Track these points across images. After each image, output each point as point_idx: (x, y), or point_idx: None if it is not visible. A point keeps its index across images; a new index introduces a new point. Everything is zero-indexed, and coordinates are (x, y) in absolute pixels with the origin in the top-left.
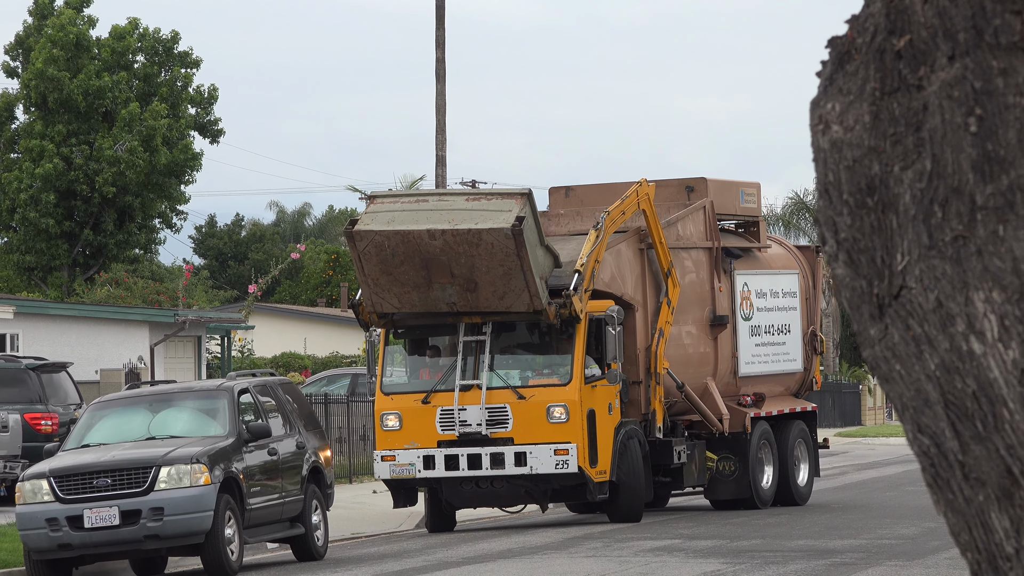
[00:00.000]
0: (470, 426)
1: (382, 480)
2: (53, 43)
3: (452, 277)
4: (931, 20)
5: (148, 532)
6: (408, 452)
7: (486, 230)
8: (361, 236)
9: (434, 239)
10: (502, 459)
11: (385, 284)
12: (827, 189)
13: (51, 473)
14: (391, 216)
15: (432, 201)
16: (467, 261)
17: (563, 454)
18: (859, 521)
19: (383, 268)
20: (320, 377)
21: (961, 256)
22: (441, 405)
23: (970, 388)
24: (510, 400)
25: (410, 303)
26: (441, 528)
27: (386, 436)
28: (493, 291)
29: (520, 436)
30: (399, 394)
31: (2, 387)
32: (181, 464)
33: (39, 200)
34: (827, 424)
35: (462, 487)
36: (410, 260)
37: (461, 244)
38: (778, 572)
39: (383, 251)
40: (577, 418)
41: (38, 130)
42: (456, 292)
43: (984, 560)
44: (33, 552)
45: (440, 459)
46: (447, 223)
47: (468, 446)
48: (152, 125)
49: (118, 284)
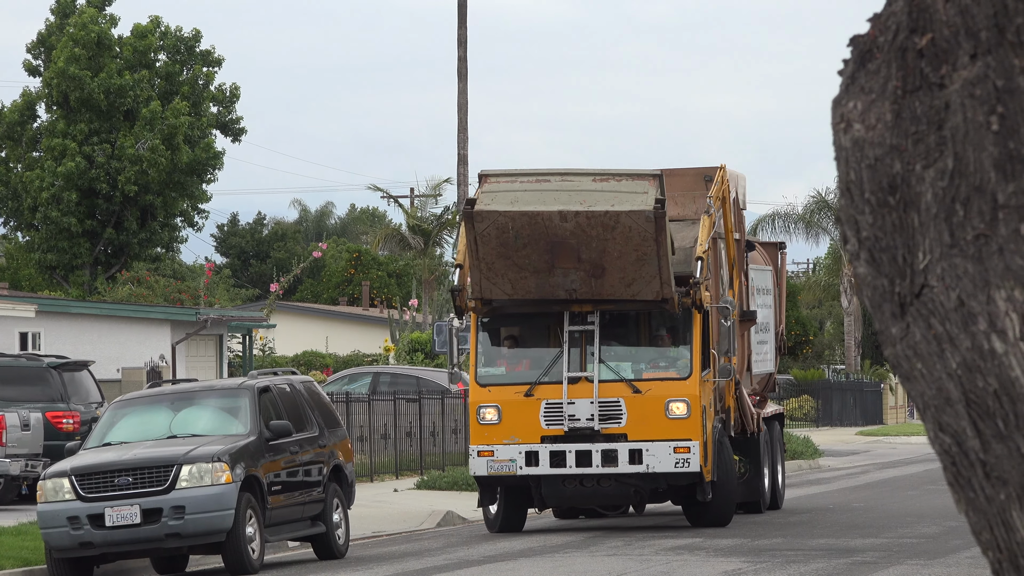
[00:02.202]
0: (579, 421)
1: (476, 477)
2: (75, 42)
3: (578, 262)
4: (953, 19)
5: (169, 531)
6: (508, 447)
7: (625, 212)
8: (482, 217)
9: (565, 221)
10: (615, 456)
11: (500, 269)
12: (849, 188)
13: (72, 472)
14: (513, 196)
15: (554, 181)
16: (598, 245)
17: (683, 452)
18: (880, 520)
19: (501, 251)
20: (341, 376)
21: (983, 255)
22: (546, 398)
23: (992, 387)
24: (624, 394)
25: (525, 289)
26: (509, 528)
27: (483, 430)
28: (621, 278)
29: (634, 432)
30: (497, 386)
31: (24, 386)
32: (202, 463)
33: (61, 199)
34: (848, 423)
35: (564, 485)
36: (534, 243)
37: (595, 227)
38: (799, 571)
39: (505, 233)
40: (697, 414)
41: (60, 129)
42: (579, 278)
43: (1006, 559)
44: (55, 550)
45: (545, 455)
46: (579, 204)
47: (576, 442)
48: (173, 124)
49: (140, 283)
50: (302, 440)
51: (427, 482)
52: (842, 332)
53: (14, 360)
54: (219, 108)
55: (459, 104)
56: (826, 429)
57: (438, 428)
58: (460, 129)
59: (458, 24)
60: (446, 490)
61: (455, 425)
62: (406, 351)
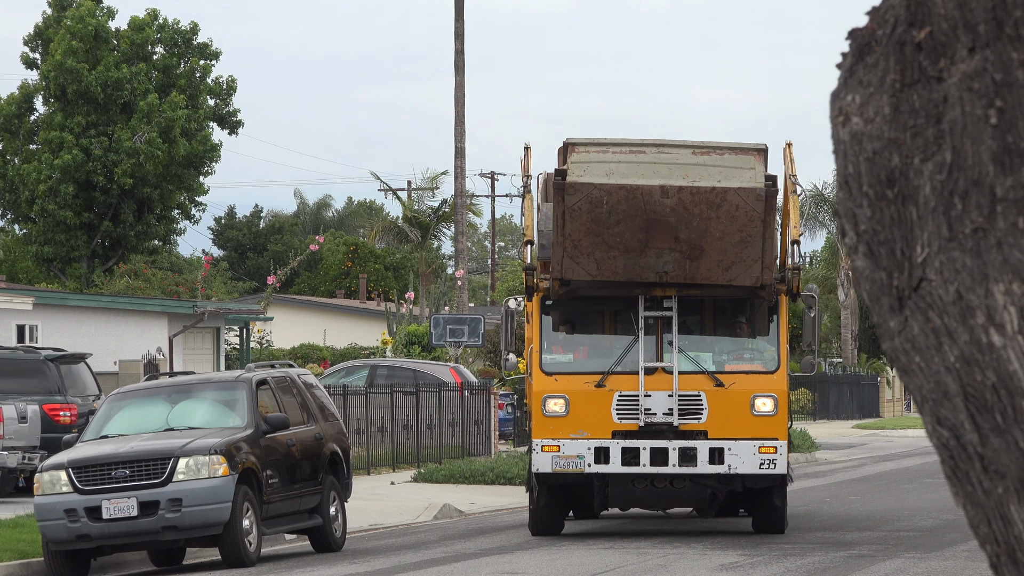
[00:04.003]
0: (656, 415)
1: (537, 474)
2: (72, 34)
3: (675, 242)
4: (951, 12)
5: (166, 523)
6: (576, 442)
7: (733, 190)
8: (575, 189)
9: (667, 197)
10: (693, 455)
11: (587, 247)
12: (847, 181)
13: (70, 464)
14: (608, 168)
15: (650, 152)
16: (700, 224)
17: (769, 452)
18: (877, 513)
19: (591, 228)
20: (339, 368)
21: (981, 248)
22: (619, 390)
23: (990, 380)
24: (705, 387)
25: (611, 270)
26: (548, 531)
27: (547, 423)
28: (720, 261)
29: (716, 430)
30: (565, 374)
31: (21, 378)
32: (199, 455)
33: (58, 191)
34: (845, 416)
35: (634, 485)
36: (629, 220)
37: (699, 204)
38: (796, 564)
39: (598, 207)
40: (784, 411)
41: (57, 121)
42: (674, 260)
43: (1003, 552)
44: (52, 543)
45: (616, 452)
46: (682, 179)
47: (652, 438)
48: (171, 116)
49: (137, 275)
50: (299, 433)
51: (424, 475)
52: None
53: (11, 353)
54: (216, 101)
55: (456, 97)
56: (823, 422)
57: (435, 421)
58: (457, 122)
59: (455, 17)
60: (443, 483)
61: (452, 418)
62: (403, 344)
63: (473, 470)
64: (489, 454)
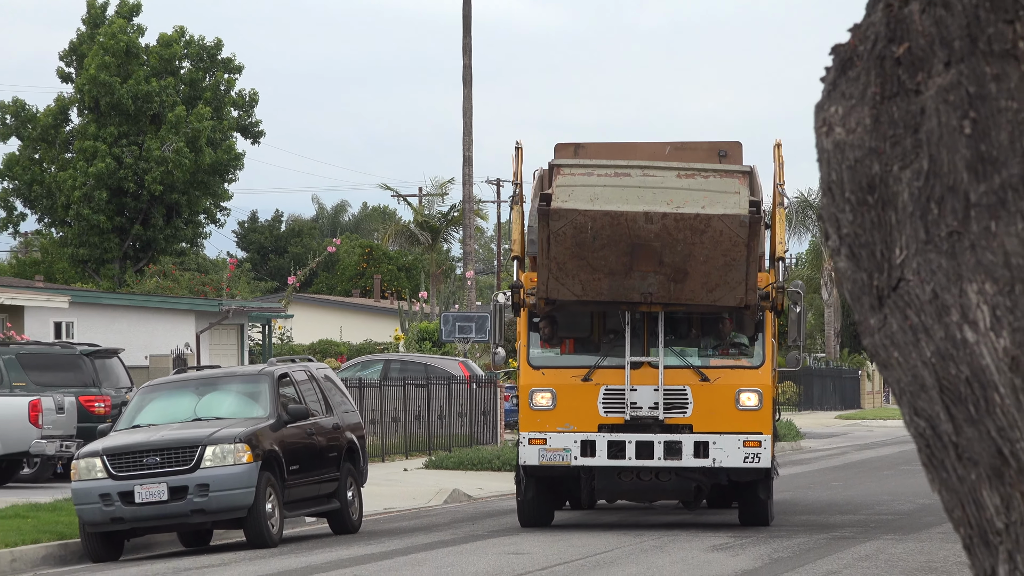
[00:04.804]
0: (641, 409)
1: (525, 466)
2: (105, 50)
3: (659, 265)
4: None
5: (194, 507)
6: (562, 435)
7: (717, 216)
8: (559, 215)
9: (651, 223)
10: (679, 449)
11: (572, 269)
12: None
13: (104, 452)
14: (593, 192)
15: (635, 176)
16: (684, 249)
17: (754, 446)
18: (858, 498)
19: (576, 252)
20: (355, 363)
21: (956, 250)
22: (605, 384)
23: (964, 374)
24: (690, 382)
25: (596, 291)
26: (537, 523)
27: (534, 416)
28: (704, 283)
29: (701, 424)
30: (552, 368)
31: (58, 371)
32: (225, 444)
33: (92, 197)
34: (828, 407)
35: (620, 478)
36: (614, 244)
37: (683, 230)
38: (783, 545)
39: (583, 232)
40: (769, 406)
41: (91, 132)
42: (658, 282)
43: (976, 535)
44: (88, 525)
45: (602, 445)
46: (666, 205)
47: (638, 432)
48: (197, 127)
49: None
50: (318, 423)
51: (435, 462)
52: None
53: (49, 348)
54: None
55: (464, 109)
56: (807, 413)
57: (445, 412)
58: (465, 132)
59: (463, 34)
60: (452, 469)
61: (461, 409)
62: (415, 340)
63: (481, 458)
64: (496, 443)
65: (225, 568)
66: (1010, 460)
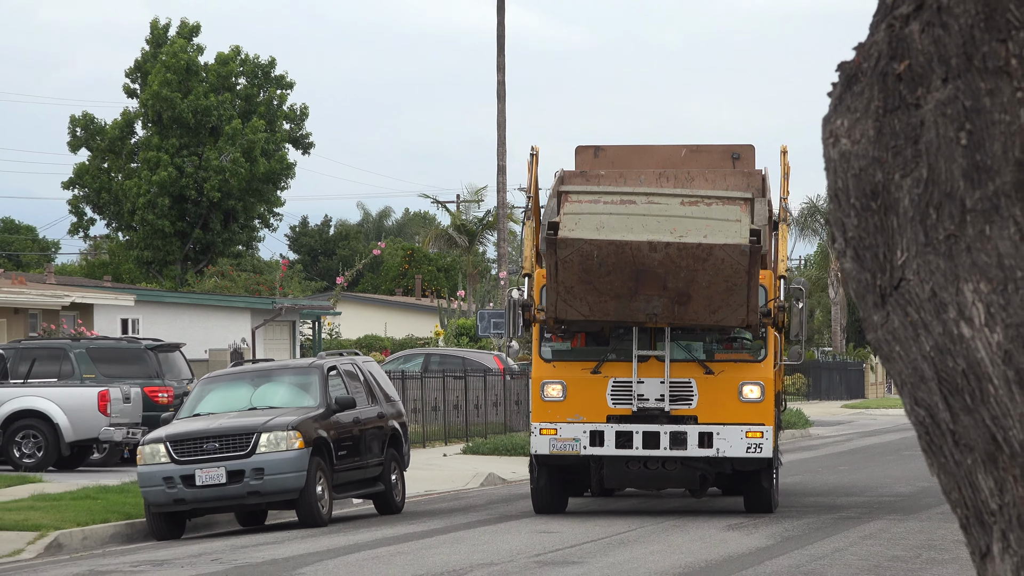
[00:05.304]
0: (648, 401)
1: (536, 455)
2: (167, 68)
3: (664, 289)
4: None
5: (250, 489)
6: (572, 426)
7: (718, 246)
8: (566, 244)
9: (655, 251)
10: (684, 439)
11: (579, 292)
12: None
13: (167, 438)
14: (598, 220)
15: (640, 203)
16: (687, 275)
17: (756, 437)
18: (862, 481)
19: (583, 277)
20: (398, 356)
21: (953, 252)
22: (614, 376)
23: (960, 367)
24: (695, 375)
25: (603, 312)
26: (551, 510)
27: (546, 407)
28: (707, 305)
29: (705, 415)
30: (563, 362)
31: (125, 364)
32: (279, 431)
33: (156, 204)
34: (835, 397)
35: (628, 467)
36: (619, 271)
37: (685, 258)
38: (794, 524)
39: (589, 260)
40: (770, 398)
41: (155, 143)
42: (663, 304)
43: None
44: (152, 506)
45: (610, 435)
46: (670, 234)
47: (644, 423)
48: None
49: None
50: (364, 412)
51: (472, 448)
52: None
53: (116, 343)
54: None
55: (498, 122)
56: (815, 402)
57: (481, 401)
58: (499, 143)
59: (497, 52)
60: (488, 455)
61: (495, 399)
62: (453, 335)
63: (514, 444)
64: (528, 430)
65: (279, 546)
66: (1003, 446)
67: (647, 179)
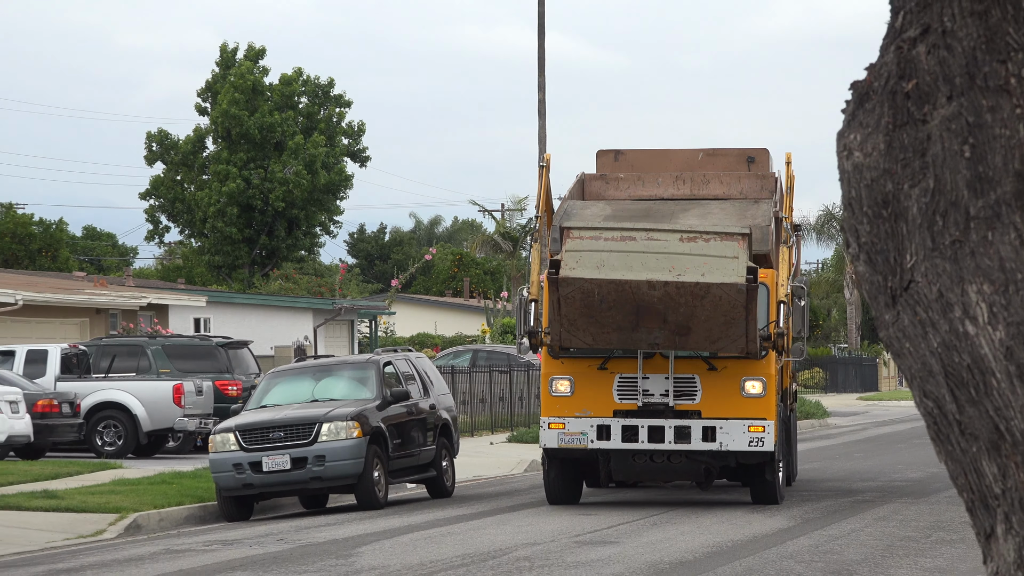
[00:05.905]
0: (653, 396)
1: (545, 449)
2: (235, 88)
3: (664, 323)
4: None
5: (313, 475)
6: (580, 420)
7: (716, 284)
8: (567, 282)
9: (654, 289)
10: (688, 433)
11: (582, 325)
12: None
13: (236, 428)
14: (599, 259)
15: (640, 240)
16: (686, 311)
17: (758, 431)
18: (876, 467)
19: (585, 311)
20: (448, 352)
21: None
22: (620, 372)
23: (965, 362)
24: (699, 370)
25: (606, 341)
26: (564, 501)
27: (555, 402)
28: (707, 336)
29: (708, 410)
30: (571, 358)
31: (197, 360)
32: (339, 421)
33: (225, 213)
34: (850, 390)
35: (634, 460)
36: (620, 307)
37: (684, 295)
38: (813, 507)
39: (590, 297)
40: (773, 393)
41: (224, 157)
42: (664, 335)
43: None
44: (223, 490)
45: (617, 429)
46: (668, 273)
47: (650, 417)
48: (313, 153)
49: (288, 279)
50: (417, 403)
51: (516, 437)
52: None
53: (189, 340)
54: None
55: (539, 138)
56: (832, 395)
57: (524, 394)
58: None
59: (538, 73)
60: (531, 443)
61: (537, 391)
62: (498, 333)
63: None
64: None
65: (340, 527)
66: (1006, 435)
67: (664, 181)
